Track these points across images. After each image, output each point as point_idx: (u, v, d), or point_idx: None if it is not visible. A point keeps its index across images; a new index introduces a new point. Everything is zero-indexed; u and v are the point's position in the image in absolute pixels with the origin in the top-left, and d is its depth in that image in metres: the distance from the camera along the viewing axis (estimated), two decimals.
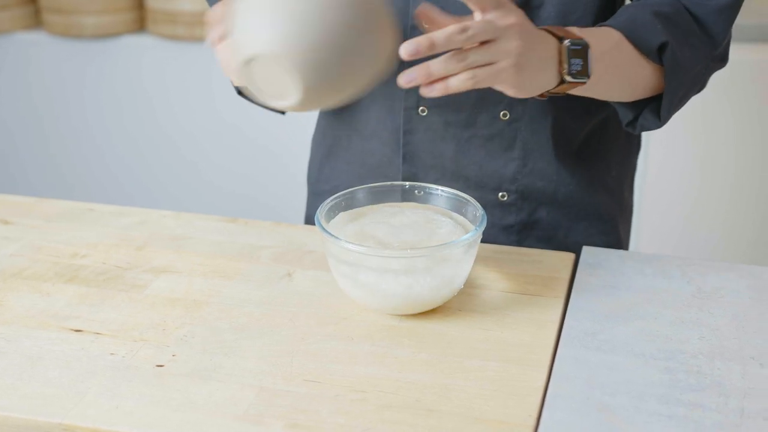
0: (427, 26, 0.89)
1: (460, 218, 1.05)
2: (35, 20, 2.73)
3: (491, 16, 0.89)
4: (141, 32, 2.66)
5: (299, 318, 0.99)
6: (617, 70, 1.04)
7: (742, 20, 2.29)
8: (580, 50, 0.96)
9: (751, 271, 1.09)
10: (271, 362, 0.91)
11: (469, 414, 0.84)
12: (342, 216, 1.05)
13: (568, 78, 0.96)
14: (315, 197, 1.33)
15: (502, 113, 1.14)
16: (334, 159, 1.27)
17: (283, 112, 1.05)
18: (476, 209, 1.02)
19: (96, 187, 2.80)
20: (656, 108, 1.09)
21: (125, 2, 2.62)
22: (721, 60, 1.12)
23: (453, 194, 1.06)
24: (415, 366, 0.91)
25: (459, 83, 0.89)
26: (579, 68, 0.96)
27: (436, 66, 0.88)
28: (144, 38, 2.64)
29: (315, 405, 0.85)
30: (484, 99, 1.13)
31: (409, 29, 1.11)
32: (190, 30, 2.55)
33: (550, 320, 0.99)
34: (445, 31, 0.87)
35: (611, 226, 1.24)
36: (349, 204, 1.06)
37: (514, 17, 0.90)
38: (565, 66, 0.96)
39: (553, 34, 0.96)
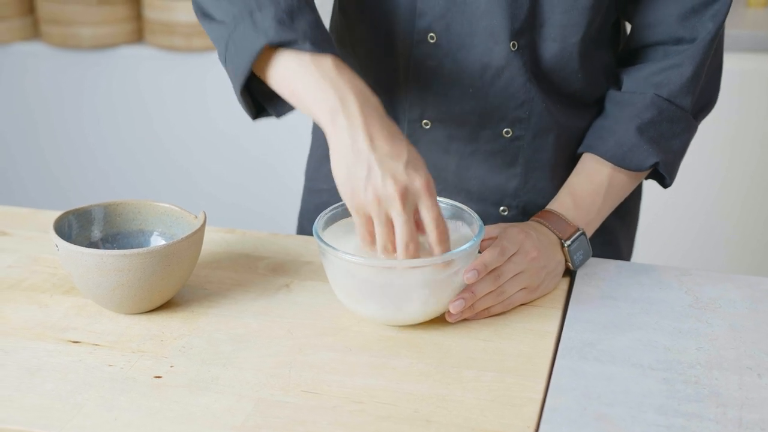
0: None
1: (459, 229, 1.05)
2: (33, 31, 2.73)
3: (517, 258, 1.02)
4: (138, 43, 2.67)
5: (297, 329, 0.99)
6: (611, 208, 1.15)
7: (739, 30, 2.30)
8: (580, 242, 1.09)
9: (749, 282, 1.09)
10: (269, 373, 0.91)
11: (467, 425, 0.84)
12: (340, 226, 1.05)
13: (575, 268, 1.10)
14: (311, 193, 1.33)
15: (504, 130, 1.14)
16: None
17: (277, 116, 1.06)
18: (475, 220, 1.02)
19: (93, 198, 2.80)
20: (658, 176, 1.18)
21: (123, 13, 2.62)
22: (705, 111, 1.18)
23: (450, 204, 1.06)
24: (413, 376, 0.91)
25: (497, 309, 1.02)
26: (582, 257, 1.10)
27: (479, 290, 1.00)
28: (141, 49, 2.64)
29: (313, 416, 0.85)
30: (487, 115, 1.13)
31: (414, 44, 1.11)
32: (188, 41, 2.56)
33: (547, 331, 0.99)
34: (484, 287, 0.99)
35: (611, 239, 1.25)
36: (346, 213, 1.06)
37: (535, 251, 1.03)
38: (570, 263, 1.08)
39: (553, 231, 1.08)
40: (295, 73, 0.96)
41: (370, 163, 0.92)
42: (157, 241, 1.09)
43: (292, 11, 0.97)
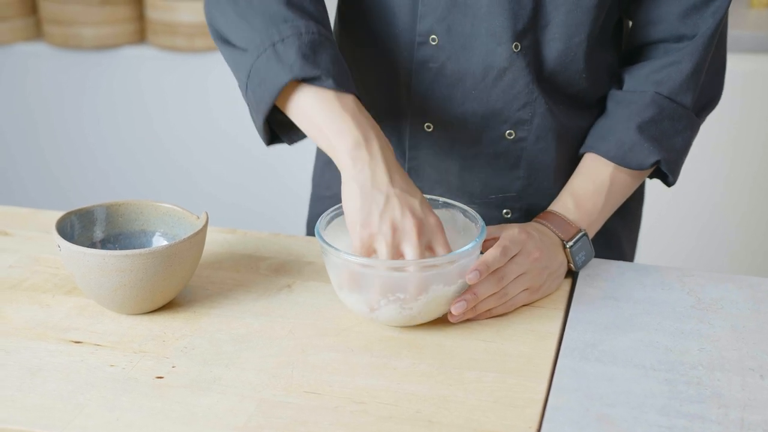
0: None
1: (461, 229, 1.05)
2: (35, 32, 2.73)
3: (519, 258, 1.02)
4: (140, 43, 2.67)
5: (299, 329, 0.99)
6: (614, 208, 1.15)
7: (741, 31, 2.30)
8: (582, 243, 1.09)
9: (751, 282, 1.09)
10: (271, 374, 0.91)
11: (468, 426, 0.84)
12: (342, 227, 1.05)
13: (577, 269, 1.10)
14: (316, 201, 1.33)
15: (507, 132, 1.14)
16: (336, 168, 1.27)
17: (290, 144, 1.08)
18: (476, 220, 1.02)
19: (94, 198, 2.80)
20: (660, 174, 1.17)
21: (125, 14, 2.62)
22: (708, 109, 1.18)
23: (452, 205, 1.06)
24: (415, 377, 0.91)
25: (499, 311, 1.02)
26: (584, 258, 1.10)
27: (482, 291, 1.00)
28: (143, 49, 2.64)
29: (315, 416, 0.85)
30: (490, 117, 1.13)
31: (416, 46, 1.11)
32: (190, 41, 2.56)
33: (549, 331, 0.99)
34: (487, 288, 0.99)
35: (613, 240, 1.25)
36: None
37: (537, 252, 1.03)
38: (572, 264, 1.09)
39: (555, 232, 1.08)
40: (317, 108, 0.98)
41: (389, 194, 0.94)
42: (159, 242, 1.09)
43: (314, 45, 0.99)
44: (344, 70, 1.01)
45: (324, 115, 0.98)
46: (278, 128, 1.07)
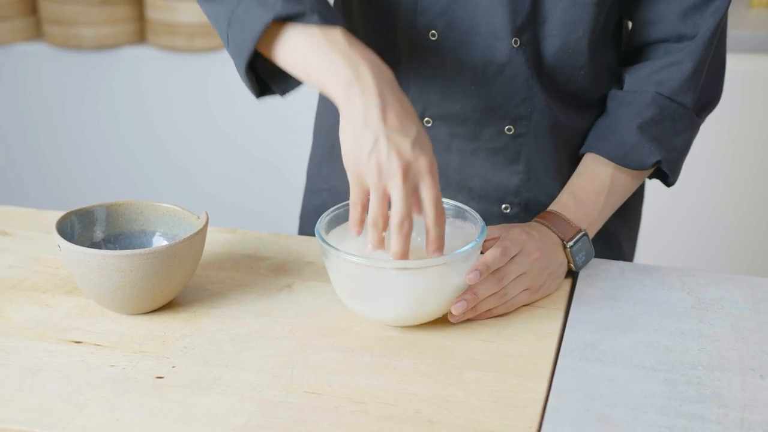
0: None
1: (461, 229, 1.05)
2: (35, 32, 2.73)
3: (519, 259, 1.02)
4: (140, 43, 2.67)
5: (299, 329, 0.99)
6: (614, 208, 1.15)
7: (741, 31, 2.30)
8: (582, 243, 1.09)
9: (751, 282, 1.09)
10: (271, 374, 0.91)
11: (469, 426, 0.84)
12: (342, 227, 1.05)
13: (577, 269, 1.09)
14: (311, 194, 1.33)
15: (506, 128, 1.14)
16: (335, 160, 1.27)
17: (282, 95, 1.05)
18: (477, 220, 1.02)
19: (94, 198, 2.80)
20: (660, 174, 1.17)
21: (125, 14, 2.62)
22: (708, 109, 1.18)
23: (453, 205, 1.06)
24: (415, 377, 0.91)
25: (499, 311, 1.02)
26: (584, 258, 1.09)
27: (482, 292, 0.99)
28: (143, 49, 2.64)
29: (315, 416, 0.85)
30: (489, 113, 1.13)
31: (416, 41, 1.11)
32: (190, 41, 2.56)
33: (549, 332, 0.99)
34: (487, 289, 0.99)
35: (613, 240, 1.25)
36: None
37: (537, 252, 1.03)
38: (572, 264, 1.08)
39: (555, 232, 1.08)
40: (305, 47, 0.95)
41: (378, 134, 0.91)
42: (160, 242, 1.09)
43: None
44: (329, 6, 0.98)
45: (312, 54, 0.94)
46: (268, 79, 1.04)
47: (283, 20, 0.95)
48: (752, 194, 2.40)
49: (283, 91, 1.05)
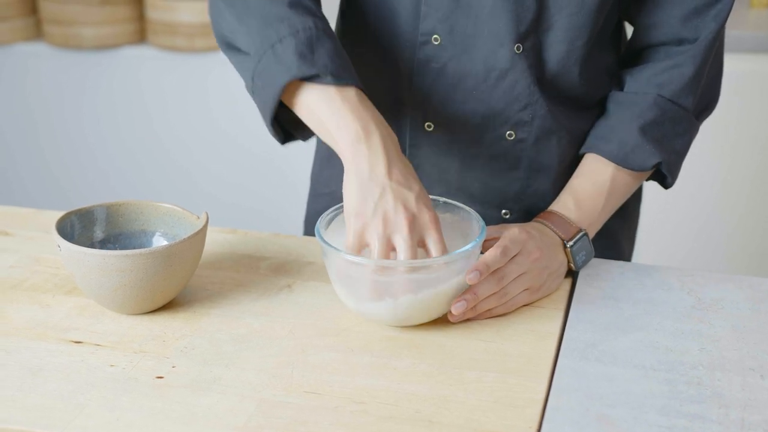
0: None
1: (461, 229, 1.05)
2: (35, 31, 2.73)
3: (519, 258, 1.02)
4: (140, 43, 2.67)
5: (299, 329, 0.99)
6: (614, 208, 1.15)
7: (741, 31, 2.30)
8: (582, 243, 1.09)
9: (751, 282, 1.09)
10: (271, 374, 0.91)
11: (469, 426, 0.84)
12: (342, 227, 1.05)
13: (577, 269, 1.10)
14: (314, 198, 1.34)
15: (507, 133, 1.14)
16: (335, 164, 1.27)
17: (304, 140, 1.10)
18: (477, 220, 1.02)
19: (94, 198, 2.79)
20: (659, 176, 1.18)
21: (125, 14, 2.62)
22: (706, 112, 1.18)
23: (452, 205, 1.06)
24: (415, 377, 0.91)
25: (499, 311, 1.02)
26: (584, 258, 1.10)
27: (482, 291, 1.00)
28: (143, 49, 2.64)
29: (315, 416, 0.85)
30: (490, 118, 1.13)
31: (418, 45, 1.11)
32: (190, 41, 2.56)
33: (549, 331, 0.99)
34: (487, 289, 0.99)
35: (611, 240, 1.25)
36: None
37: (537, 252, 1.03)
38: (572, 264, 1.09)
39: (555, 232, 1.08)
40: (318, 104, 1.00)
41: (384, 187, 0.95)
42: (160, 242, 1.09)
43: (311, 42, 1.00)
44: (344, 62, 1.02)
45: (325, 110, 0.99)
46: (291, 126, 1.08)
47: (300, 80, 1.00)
48: (751, 194, 2.40)
49: (305, 138, 1.10)
